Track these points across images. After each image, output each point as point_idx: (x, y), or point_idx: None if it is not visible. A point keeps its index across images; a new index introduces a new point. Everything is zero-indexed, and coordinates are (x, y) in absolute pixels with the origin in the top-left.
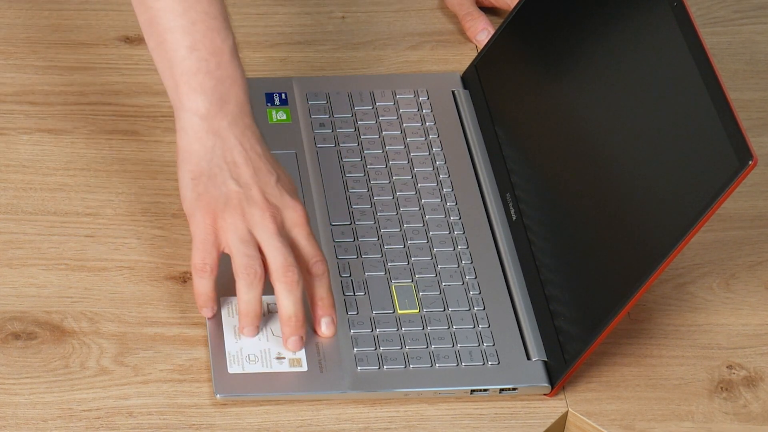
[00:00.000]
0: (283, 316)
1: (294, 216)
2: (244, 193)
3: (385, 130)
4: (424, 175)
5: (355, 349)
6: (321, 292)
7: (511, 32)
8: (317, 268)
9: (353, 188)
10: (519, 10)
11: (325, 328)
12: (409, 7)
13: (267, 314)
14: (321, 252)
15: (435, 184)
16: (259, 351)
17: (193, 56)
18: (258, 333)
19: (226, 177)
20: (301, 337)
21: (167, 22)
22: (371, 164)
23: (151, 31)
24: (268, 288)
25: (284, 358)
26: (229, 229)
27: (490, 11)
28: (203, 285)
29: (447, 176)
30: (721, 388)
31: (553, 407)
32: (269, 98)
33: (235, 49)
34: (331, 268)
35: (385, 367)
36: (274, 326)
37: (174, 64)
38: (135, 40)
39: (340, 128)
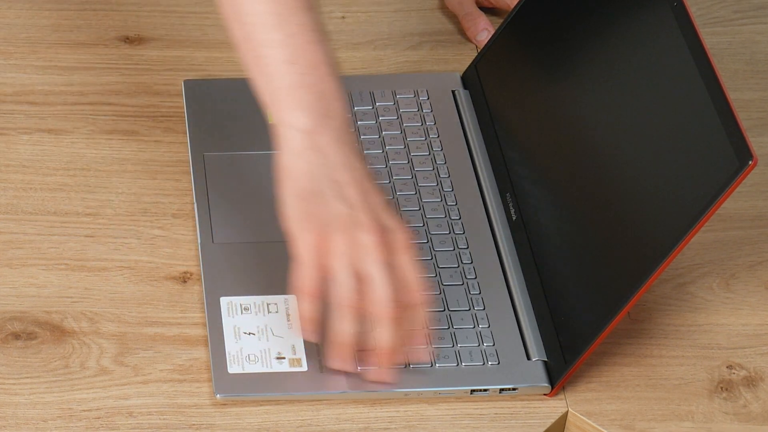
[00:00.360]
0: (383, 347)
1: (400, 240)
2: (352, 215)
3: (385, 130)
4: (424, 175)
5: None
6: (412, 325)
7: (511, 32)
8: (415, 299)
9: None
10: (519, 10)
11: (386, 375)
12: (409, 7)
13: (267, 314)
14: (420, 281)
15: (435, 184)
16: (259, 351)
17: (292, 70)
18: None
19: (333, 197)
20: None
21: (263, 35)
22: (371, 164)
23: (248, 47)
24: (265, 287)
25: (284, 358)
26: (336, 254)
27: (490, 11)
28: (310, 309)
29: (447, 176)
30: (721, 388)
31: (553, 407)
32: None
33: (334, 62)
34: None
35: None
36: (274, 326)
37: (273, 79)
38: (135, 40)
39: None
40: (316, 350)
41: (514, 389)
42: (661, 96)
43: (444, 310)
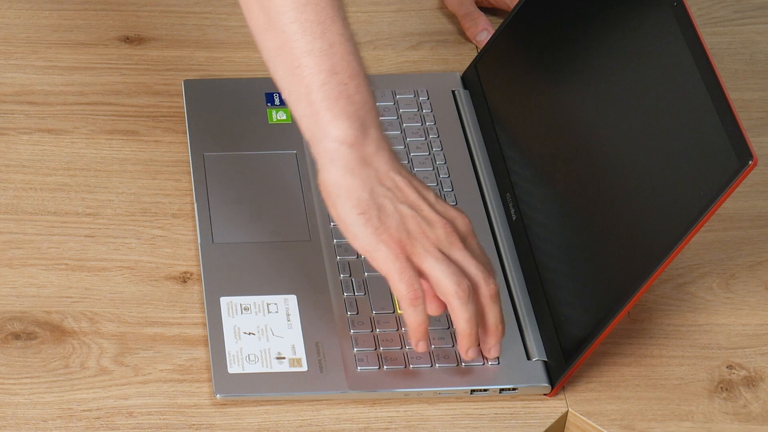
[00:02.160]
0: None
1: (464, 225)
2: (418, 216)
3: (385, 130)
4: (424, 175)
5: (355, 349)
6: (493, 317)
7: (511, 32)
8: (491, 285)
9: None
10: (519, 10)
11: (492, 349)
12: (409, 7)
13: (267, 314)
14: (489, 262)
15: (435, 184)
16: (259, 351)
17: (334, 80)
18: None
19: (395, 204)
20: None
21: (305, 45)
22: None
23: (284, 56)
24: (265, 287)
25: (284, 358)
26: (422, 256)
27: (490, 11)
28: (419, 315)
29: (447, 176)
30: (721, 388)
31: (553, 407)
32: (269, 98)
33: (366, 72)
34: (331, 268)
35: (385, 367)
36: (274, 326)
37: (312, 90)
38: (135, 40)
39: None
40: (315, 350)
41: (514, 389)
42: (661, 96)
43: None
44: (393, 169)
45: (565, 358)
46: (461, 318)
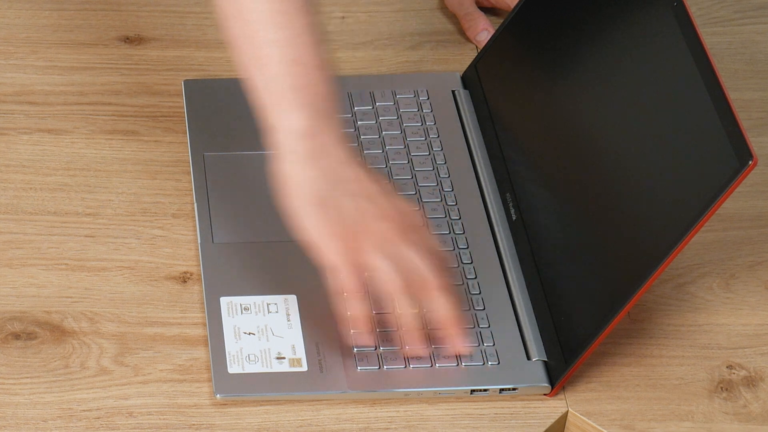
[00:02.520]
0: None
1: (415, 219)
2: (366, 210)
3: (385, 130)
4: (424, 175)
5: (355, 349)
6: (443, 308)
7: (511, 32)
8: (436, 283)
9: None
10: (519, 10)
11: (459, 344)
12: (409, 7)
13: (267, 314)
14: (441, 254)
15: (435, 184)
16: (259, 351)
17: (295, 71)
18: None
19: (346, 197)
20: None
21: (268, 34)
22: (371, 164)
23: (248, 45)
24: (265, 287)
25: (284, 358)
26: (367, 250)
27: (490, 11)
28: (365, 308)
29: (447, 176)
30: (721, 388)
31: (553, 407)
32: None
33: (331, 63)
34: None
35: (385, 367)
36: (274, 326)
37: (273, 80)
38: (135, 40)
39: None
40: (315, 350)
41: (514, 389)
42: (661, 96)
43: None
44: (347, 162)
45: (565, 358)
46: (408, 314)
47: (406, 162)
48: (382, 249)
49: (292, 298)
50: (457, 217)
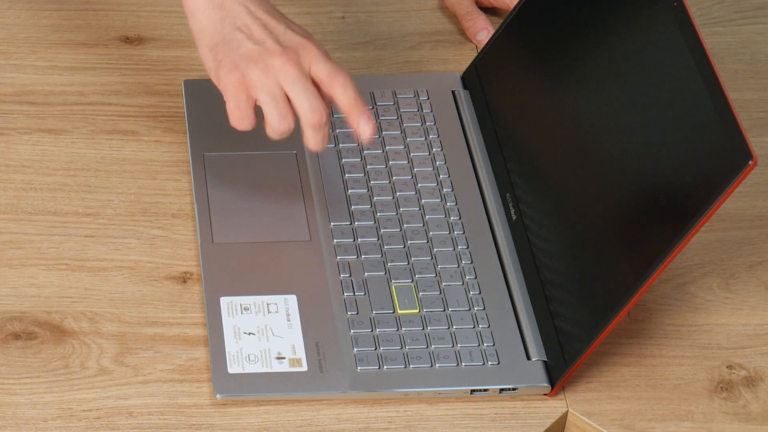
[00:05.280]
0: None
1: (309, 52)
2: (260, 48)
3: (385, 130)
4: (424, 175)
5: (355, 349)
6: (347, 99)
7: (511, 32)
8: (337, 81)
9: (353, 188)
10: (519, 10)
11: (364, 126)
12: (409, 7)
13: (267, 314)
14: (340, 68)
15: (435, 184)
16: (259, 351)
17: None
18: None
19: (241, 40)
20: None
21: None
22: (371, 164)
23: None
24: (265, 287)
25: (284, 358)
26: (256, 86)
27: (490, 11)
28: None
29: (447, 176)
30: (721, 388)
31: (553, 407)
32: None
33: None
34: (331, 268)
35: (385, 367)
36: (274, 326)
37: None
38: (135, 40)
39: (340, 128)
40: (315, 350)
41: (514, 389)
42: (661, 96)
43: (444, 310)
44: (246, 9)
45: (565, 358)
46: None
47: (406, 162)
48: (266, 87)
49: (292, 298)
50: (457, 217)
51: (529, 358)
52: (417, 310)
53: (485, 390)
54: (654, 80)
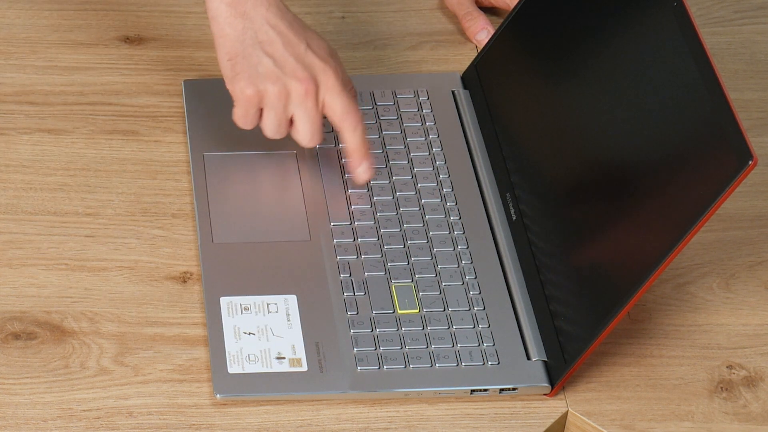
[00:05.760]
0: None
1: (327, 80)
2: (279, 71)
3: (385, 130)
4: (424, 175)
5: (355, 349)
6: (354, 142)
7: (511, 32)
8: (348, 121)
9: (353, 188)
10: (519, 10)
11: (363, 172)
12: (409, 7)
13: (267, 314)
14: (353, 106)
15: (435, 184)
16: (259, 351)
17: None
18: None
19: (260, 55)
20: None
21: None
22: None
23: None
24: (265, 287)
25: (284, 358)
26: (267, 104)
27: (490, 11)
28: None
29: (447, 176)
30: (721, 388)
31: (553, 407)
32: None
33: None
34: (330, 268)
35: (385, 367)
36: (274, 326)
37: None
38: (135, 40)
39: None
40: (315, 350)
41: (514, 389)
42: (661, 96)
43: (444, 310)
44: (268, 23)
45: (565, 358)
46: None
47: (406, 162)
48: (273, 108)
49: (292, 298)
50: (457, 217)
51: (529, 358)
52: (417, 310)
53: (485, 390)
54: (654, 80)
